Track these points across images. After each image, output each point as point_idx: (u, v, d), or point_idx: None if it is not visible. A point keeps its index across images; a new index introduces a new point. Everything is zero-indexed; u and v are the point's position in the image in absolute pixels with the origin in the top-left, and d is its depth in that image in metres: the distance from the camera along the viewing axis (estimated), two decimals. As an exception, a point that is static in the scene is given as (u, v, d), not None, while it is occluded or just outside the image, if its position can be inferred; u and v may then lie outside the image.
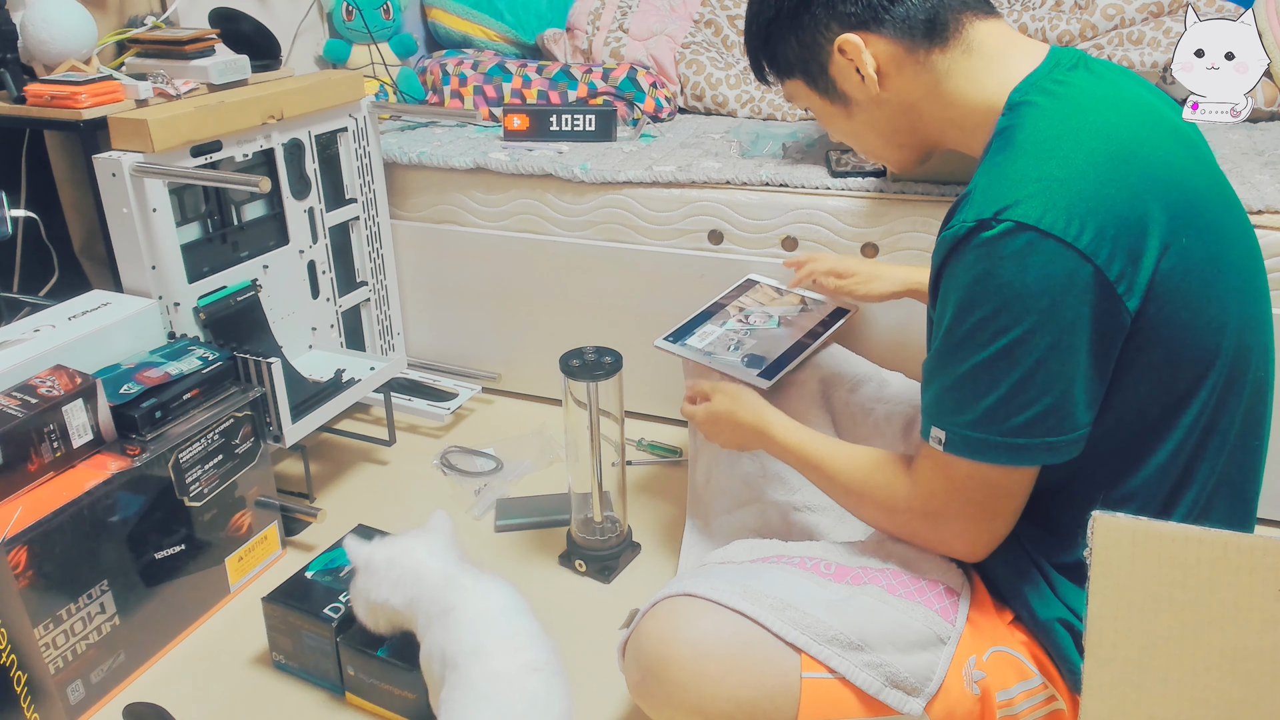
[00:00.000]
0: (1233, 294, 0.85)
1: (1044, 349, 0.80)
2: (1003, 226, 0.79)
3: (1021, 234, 0.78)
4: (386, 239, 1.91)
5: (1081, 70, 0.88)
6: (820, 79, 0.97)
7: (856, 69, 0.93)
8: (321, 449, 1.86)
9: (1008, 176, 0.81)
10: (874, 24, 0.91)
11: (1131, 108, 0.85)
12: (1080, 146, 0.81)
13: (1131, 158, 0.81)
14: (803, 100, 1.02)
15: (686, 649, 0.89)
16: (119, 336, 1.38)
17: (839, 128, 1.02)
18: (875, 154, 1.03)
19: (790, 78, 1.00)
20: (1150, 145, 0.83)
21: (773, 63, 1.00)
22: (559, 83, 2.13)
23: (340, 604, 1.25)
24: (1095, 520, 0.58)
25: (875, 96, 0.95)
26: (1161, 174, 0.82)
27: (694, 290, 1.77)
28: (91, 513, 1.20)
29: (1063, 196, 0.78)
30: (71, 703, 1.22)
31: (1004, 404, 0.83)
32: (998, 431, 0.84)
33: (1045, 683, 0.91)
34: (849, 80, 0.95)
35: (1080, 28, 2.07)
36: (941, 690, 0.89)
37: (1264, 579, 0.55)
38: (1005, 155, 0.83)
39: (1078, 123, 0.82)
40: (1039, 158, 0.81)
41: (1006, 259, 0.79)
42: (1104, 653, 0.58)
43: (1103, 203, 0.79)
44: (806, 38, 0.95)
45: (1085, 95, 0.85)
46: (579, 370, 1.39)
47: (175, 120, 1.39)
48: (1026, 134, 0.83)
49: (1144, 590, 0.57)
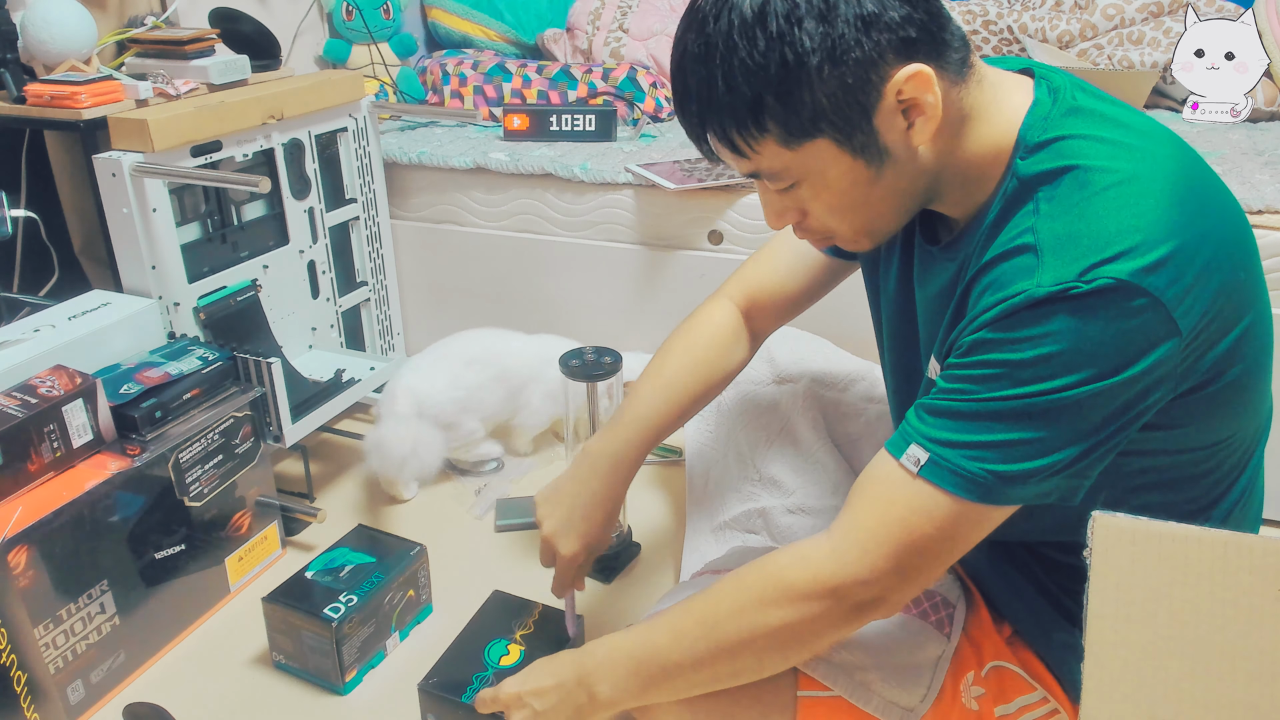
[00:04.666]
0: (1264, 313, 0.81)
1: (1111, 408, 0.70)
2: (1095, 285, 0.67)
3: (1116, 292, 0.67)
4: (386, 239, 1.91)
5: (1085, 89, 0.80)
6: (859, 133, 0.74)
7: (903, 112, 0.74)
8: (321, 449, 1.86)
9: (1084, 233, 0.69)
10: (929, 56, 0.73)
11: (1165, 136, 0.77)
12: (1154, 192, 0.70)
13: (1205, 204, 0.72)
14: (808, 170, 0.77)
15: None
16: (119, 336, 1.38)
17: (850, 199, 0.79)
18: (868, 229, 0.83)
19: (812, 137, 0.74)
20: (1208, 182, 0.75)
21: (791, 118, 0.73)
22: (559, 83, 2.13)
23: (340, 604, 1.26)
24: (1095, 520, 0.58)
25: (914, 150, 0.76)
26: (1228, 216, 0.75)
27: (694, 290, 1.77)
28: (91, 513, 1.20)
29: (1155, 250, 0.68)
30: (71, 703, 1.22)
31: (1027, 444, 0.72)
32: (1010, 475, 0.72)
33: (1046, 696, 0.91)
34: (893, 129, 0.74)
35: (1080, 28, 2.07)
36: (940, 707, 0.89)
37: (1264, 579, 0.55)
38: (1069, 204, 0.71)
39: (1137, 163, 0.72)
40: (1115, 208, 0.69)
41: (1093, 315, 0.68)
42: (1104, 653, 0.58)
43: (1196, 256, 0.69)
44: (858, 76, 0.72)
45: (1120, 129, 0.75)
46: (579, 370, 1.39)
47: (175, 120, 1.39)
48: (1089, 179, 0.71)
49: (1144, 590, 0.57)
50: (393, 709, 1.25)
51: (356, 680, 1.29)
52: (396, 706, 1.25)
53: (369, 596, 1.28)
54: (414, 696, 1.26)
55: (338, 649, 1.24)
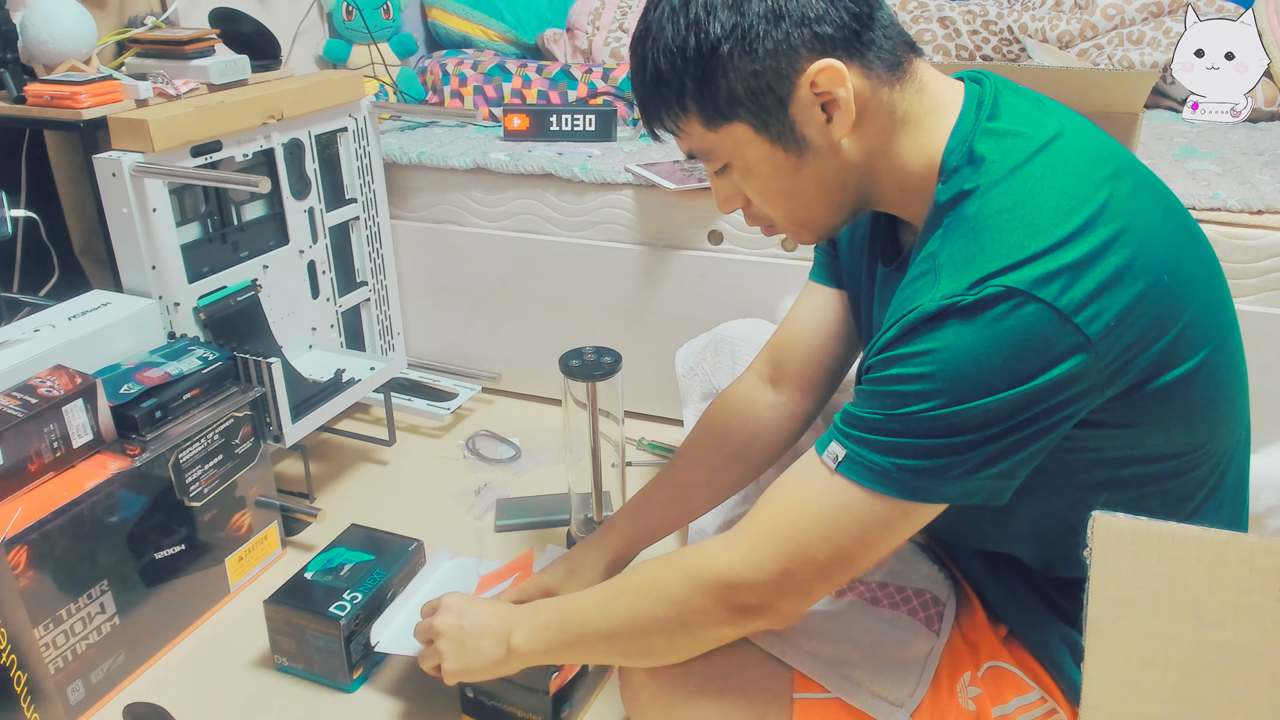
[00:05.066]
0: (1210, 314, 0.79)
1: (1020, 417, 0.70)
2: (986, 293, 0.68)
3: (1008, 300, 0.68)
4: (386, 239, 1.91)
5: (1006, 100, 0.79)
6: (774, 120, 0.77)
7: (822, 106, 0.76)
8: (321, 449, 1.86)
9: (977, 253, 0.71)
10: (848, 52, 0.75)
11: (1074, 149, 0.76)
12: (1049, 208, 0.71)
13: (1104, 210, 0.71)
14: (730, 152, 0.80)
15: (680, 670, 0.89)
16: (119, 336, 1.38)
17: (776, 185, 0.81)
18: (805, 218, 0.85)
19: (729, 120, 0.78)
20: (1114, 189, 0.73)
21: (708, 100, 0.77)
22: (559, 83, 2.13)
23: (345, 601, 1.26)
24: (1095, 520, 0.58)
25: (835, 144, 0.78)
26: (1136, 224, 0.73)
27: (694, 290, 1.78)
28: (91, 513, 1.20)
29: (1044, 263, 0.68)
30: (71, 703, 1.22)
31: (940, 451, 0.72)
32: (927, 469, 0.72)
33: (1044, 696, 0.91)
34: (811, 121, 0.77)
35: (1080, 28, 2.07)
36: (937, 707, 0.89)
37: (1264, 579, 0.55)
38: (966, 228, 0.73)
39: (1035, 180, 0.72)
40: (1009, 228, 0.70)
41: (989, 322, 0.68)
42: (1104, 653, 0.58)
43: (1090, 264, 0.69)
44: (768, 65, 0.75)
45: (1032, 143, 0.75)
46: (579, 370, 1.39)
47: (175, 120, 1.39)
48: (985, 201, 0.73)
49: (1144, 590, 0.57)
50: (396, 706, 1.25)
51: (363, 678, 1.29)
52: (400, 704, 1.25)
53: (372, 593, 1.28)
54: (415, 696, 1.27)
55: (346, 647, 1.24)
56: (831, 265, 1.08)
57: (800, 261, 1.70)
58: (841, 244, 1.04)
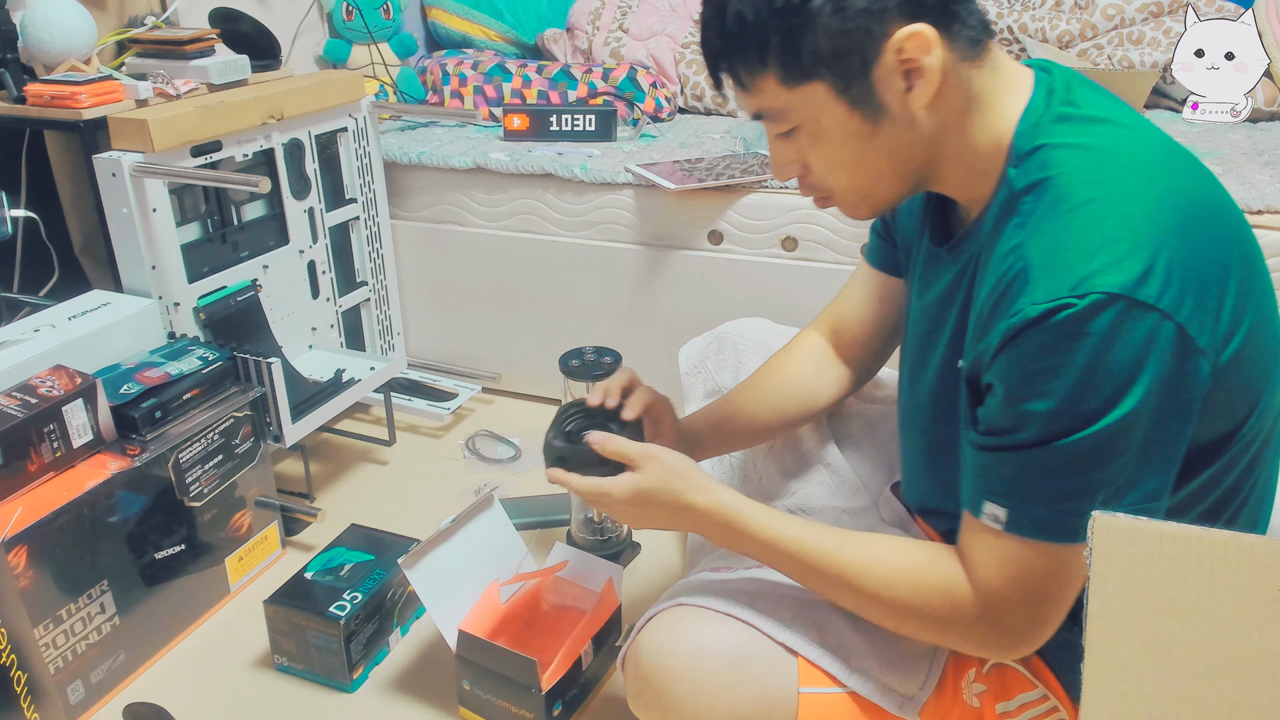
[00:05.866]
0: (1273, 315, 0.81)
1: (1145, 426, 0.70)
2: (1088, 302, 0.67)
3: (1111, 306, 0.67)
4: (386, 239, 1.91)
5: (1080, 91, 0.80)
6: (855, 84, 0.75)
7: (905, 74, 0.75)
8: (321, 449, 1.86)
9: (1069, 245, 0.70)
10: (937, 21, 0.73)
11: (1155, 140, 0.77)
12: (1139, 197, 0.71)
13: (1191, 201, 0.72)
14: (804, 114, 0.79)
15: (685, 663, 0.88)
16: (119, 336, 1.38)
17: (845, 153, 0.80)
18: (868, 191, 0.84)
19: (809, 80, 0.76)
20: (1199, 182, 0.75)
21: (791, 57, 0.75)
22: (559, 83, 2.13)
23: (345, 601, 1.25)
24: (1095, 520, 0.58)
25: (912, 115, 0.77)
26: (1222, 215, 0.75)
27: (694, 290, 1.77)
28: (91, 513, 1.20)
29: (1141, 258, 0.68)
30: (71, 703, 1.22)
31: (1093, 484, 0.71)
32: (1078, 508, 0.72)
33: (1047, 694, 0.91)
34: (891, 88, 0.75)
35: (1080, 28, 2.07)
36: (942, 703, 0.89)
37: (1264, 579, 0.55)
38: (1054, 217, 0.72)
39: (1123, 169, 0.73)
40: (1100, 217, 0.70)
41: (1094, 336, 0.68)
42: (1104, 653, 0.58)
43: (1183, 257, 0.69)
44: (858, 25, 0.73)
45: (1115, 134, 0.76)
46: (579, 370, 1.39)
47: (175, 120, 1.39)
48: (1071, 189, 0.72)
49: (1144, 590, 0.57)
50: (397, 705, 1.25)
51: (363, 678, 1.29)
52: (400, 703, 1.25)
53: (371, 593, 1.28)
54: (415, 695, 1.27)
55: (346, 647, 1.24)
56: (886, 250, 1.09)
57: (800, 261, 1.70)
58: (901, 215, 1.03)
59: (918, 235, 0.97)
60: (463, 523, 1.29)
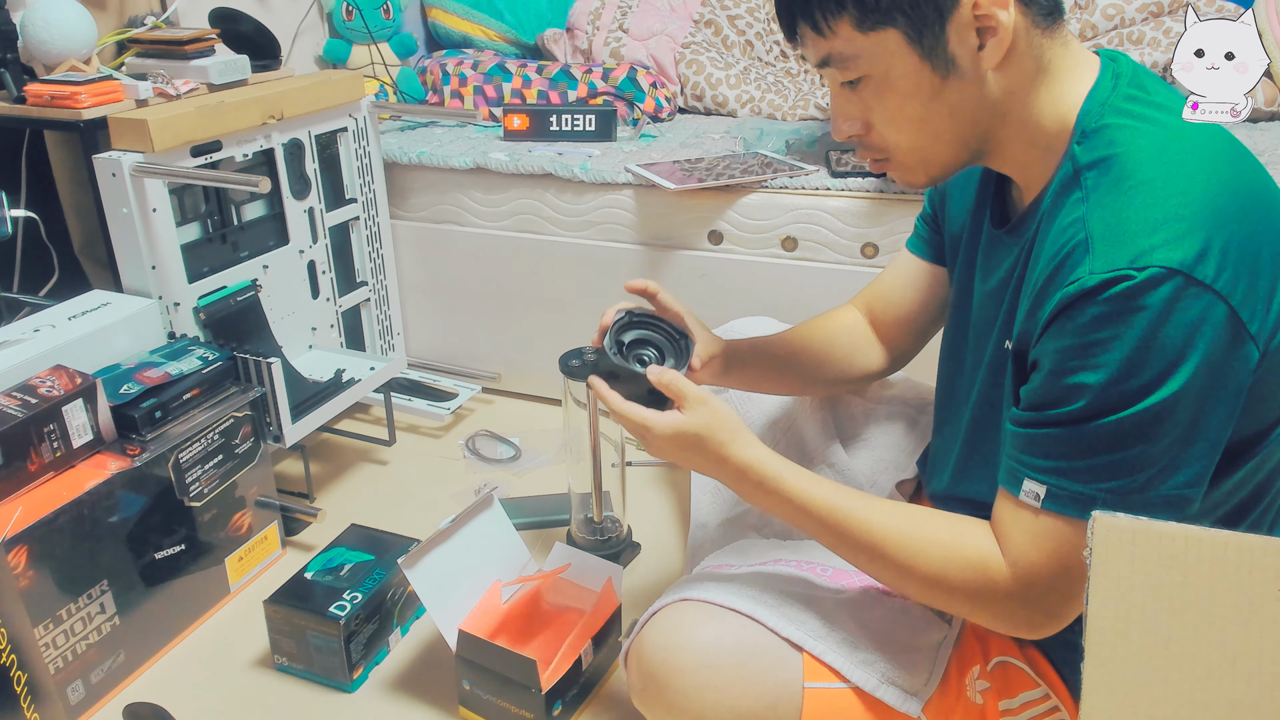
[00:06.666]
0: None
1: (1191, 406, 0.70)
2: (1146, 275, 0.68)
3: (1168, 281, 0.68)
4: (386, 239, 1.91)
5: (1148, 79, 0.82)
6: (929, 34, 0.76)
7: (978, 32, 0.76)
8: (321, 449, 1.86)
9: (1131, 219, 0.71)
10: None
11: (1217, 131, 0.79)
12: (1202, 180, 0.72)
13: (1250, 190, 0.74)
14: (874, 63, 0.78)
15: (689, 658, 0.88)
16: (119, 336, 1.38)
17: (911, 108, 0.80)
18: (928, 152, 0.83)
19: (884, 26, 0.76)
20: (1256, 174, 0.77)
21: (869, 1, 0.76)
22: (559, 83, 2.13)
23: (345, 601, 1.25)
24: (1095, 520, 0.58)
25: (982, 75, 0.78)
26: (1277, 208, 0.75)
27: (694, 290, 1.77)
28: (91, 513, 1.20)
29: (1199, 237, 0.69)
30: (71, 703, 1.22)
31: (1135, 463, 0.72)
32: (1121, 488, 0.72)
33: (1049, 693, 0.91)
34: (964, 43, 0.76)
35: (1080, 28, 2.07)
36: (946, 700, 0.89)
37: (1264, 579, 0.55)
38: (1118, 192, 0.73)
39: (1187, 152, 0.74)
40: (1163, 195, 0.71)
41: (1149, 310, 0.69)
42: (1104, 653, 0.58)
43: (1240, 242, 0.70)
44: None
45: (1180, 122, 0.78)
46: (579, 370, 1.39)
47: (175, 120, 1.39)
48: (1137, 166, 0.73)
49: (1144, 590, 0.57)
50: (397, 705, 1.25)
51: (363, 678, 1.29)
52: (400, 703, 1.25)
53: (372, 593, 1.28)
54: (415, 695, 1.27)
55: (346, 647, 1.24)
56: (931, 239, 1.10)
57: (800, 261, 1.70)
58: (951, 204, 1.04)
59: (969, 222, 0.97)
60: (463, 523, 1.29)
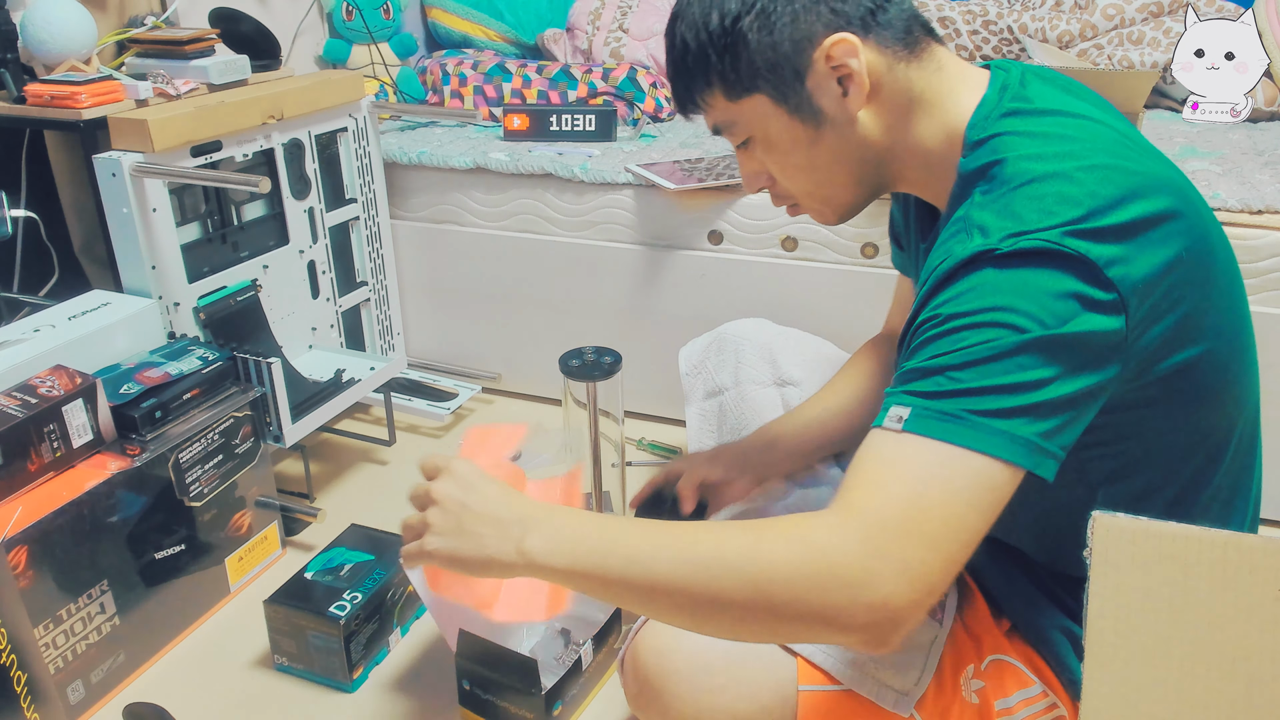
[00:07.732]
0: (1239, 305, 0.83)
1: (1060, 362, 0.69)
2: (1019, 244, 0.69)
3: (1042, 248, 0.69)
4: (386, 239, 1.91)
5: (1035, 86, 0.81)
6: (792, 93, 0.81)
7: (839, 80, 0.80)
8: (321, 449, 1.86)
9: (1013, 212, 0.72)
10: (863, 27, 0.80)
11: (1110, 129, 0.79)
12: (1087, 170, 0.73)
13: (1141, 176, 0.74)
14: (752, 125, 0.84)
15: (684, 662, 0.89)
16: (119, 336, 1.38)
17: (795, 159, 0.85)
18: (826, 194, 0.87)
19: (750, 93, 0.82)
20: (1153, 167, 0.76)
21: (730, 73, 0.82)
22: (559, 83, 2.13)
23: (345, 601, 1.25)
24: (1095, 520, 0.58)
25: (852, 117, 0.82)
26: (1164, 177, 0.76)
27: (694, 290, 1.77)
28: (91, 513, 1.20)
29: (1077, 213, 0.70)
30: (71, 703, 1.22)
31: (1002, 388, 0.69)
32: (987, 408, 0.68)
33: (1045, 691, 0.91)
34: (827, 94, 0.81)
35: (1080, 28, 2.07)
36: (941, 699, 0.89)
37: (1264, 579, 0.55)
38: (999, 194, 0.74)
39: (1064, 154, 0.75)
40: (1048, 190, 0.72)
41: (1022, 271, 0.69)
42: (1104, 653, 0.58)
43: (1121, 222, 0.71)
44: (785, 38, 0.79)
45: (1066, 122, 0.78)
46: (579, 370, 1.39)
47: (175, 120, 1.39)
48: (1016, 171, 0.74)
49: (1144, 590, 0.57)
50: (397, 705, 1.25)
51: (363, 678, 1.29)
52: (400, 703, 1.25)
53: (371, 593, 1.28)
54: (415, 696, 1.27)
55: (346, 647, 1.24)
56: (899, 255, 1.12)
57: (800, 261, 1.70)
58: (897, 226, 1.07)
59: (916, 238, 0.99)
60: None
